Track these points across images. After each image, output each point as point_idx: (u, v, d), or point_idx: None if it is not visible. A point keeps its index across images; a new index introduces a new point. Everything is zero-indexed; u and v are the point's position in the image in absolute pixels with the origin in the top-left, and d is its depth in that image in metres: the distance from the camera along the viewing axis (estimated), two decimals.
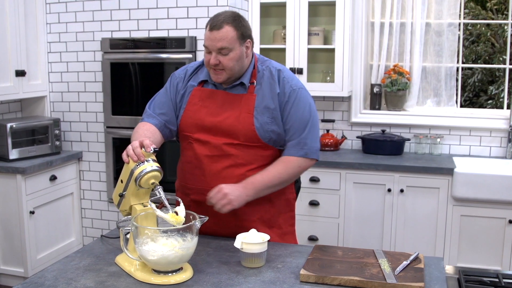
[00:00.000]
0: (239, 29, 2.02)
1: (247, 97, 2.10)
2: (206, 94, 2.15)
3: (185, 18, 3.80)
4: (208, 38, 2.02)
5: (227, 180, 2.07)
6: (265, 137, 2.09)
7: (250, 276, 1.76)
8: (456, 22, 4.08)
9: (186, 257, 1.73)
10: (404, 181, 3.66)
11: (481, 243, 3.56)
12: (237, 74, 2.09)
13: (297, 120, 2.11)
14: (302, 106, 2.11)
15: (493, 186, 3.45)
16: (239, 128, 2.08)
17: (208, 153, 2.10)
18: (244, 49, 2.06)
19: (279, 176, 2.09)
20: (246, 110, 2.09)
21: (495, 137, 3.98)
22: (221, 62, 2.02)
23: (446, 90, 4.16)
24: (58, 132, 4.00)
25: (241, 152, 2.08)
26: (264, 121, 2.08)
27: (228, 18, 2.00)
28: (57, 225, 4.00)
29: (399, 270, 1.73)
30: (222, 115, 2.11)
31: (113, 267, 1.84)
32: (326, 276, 1.70)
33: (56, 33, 4.08)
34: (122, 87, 4.00)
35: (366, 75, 4.27)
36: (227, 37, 1.99)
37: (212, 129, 2.11)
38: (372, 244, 3.75)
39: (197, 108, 2.14)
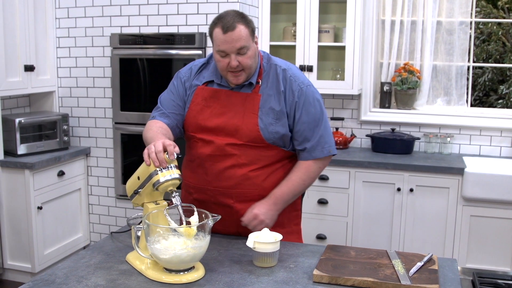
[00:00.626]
0: (249, 26, 1.99)
1: (252, 97, 2.07)
2: (209, 93, 2.11)
3: (195, 14, 3.78)
4: (224, 42, 1.95)
5: (228, 181, 2.06)
6: (269, 138, 2.06)
7: (262, 276, 1.74)
8: (467, 20, 4.04)
9: (198, 256, 1.71)
10: (413, 180, 3.63)
11: (491, 243, 3.53)
12: (253, 73, 2.06)
13: (310, 118, 2.08)
14: (313, 103, 2.08)
15: (504, 186, 3.42)
16: (243, 128, 2.05)
17: (210, 153, 2.08)
18: (255, 45, 2.03)
19: (303, 183, 2.11)
20: (250, 110, 2.05)
21: (505, 137, 3.95)
22: (240, 62, 1.98)
23: (457, 89, 4.12)
24: (66, 127, 4.00)
25: (244, 153, 2.06)
26: (268, 121, 2.05)
27: (237, 17, 1.96)
28: (64, 221, 4.00)
29: (413, 272, 1.71)
30: (225, 115, 2.07)
31: (124, 265, 1.82)
32: (339, 277, 1.68)
33: (65, 28, 4.07)
34: (131, 83, 3.99)
35: (376, 73, 4.25)
36: (243, 36, 1.95)
37: (215, 130, 2.08)
38: (381, 243, 3.72)
39: (200, 108, 2.11)
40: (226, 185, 2.08)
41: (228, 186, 2.08)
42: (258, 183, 2.09)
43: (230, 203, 2.09)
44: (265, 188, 2.10)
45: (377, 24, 4.16)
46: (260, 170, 2.08)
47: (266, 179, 2.10)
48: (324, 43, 4.05)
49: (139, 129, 4.00)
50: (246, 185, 2.08)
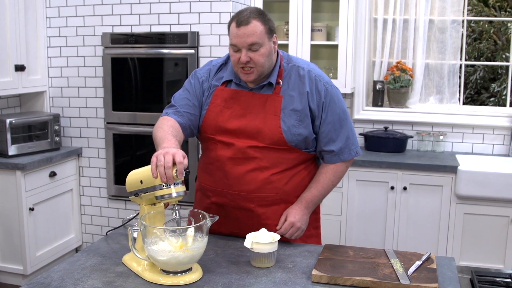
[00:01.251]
0: (266, 24, 1.95)
1: (273, 98, 2.03)
2: (229, 94, 2.07)
3: (188, 13, 3.75)
4: (236, 36, 1.93)
5: (250, 185, 2.02)
6: (292, 140, 2.01)
7: (260, 277, 1.73)
8: (459, 19, 4.05)
9: (196, 257, 1.69)
10: (407, 178, 3.63)
11: (484, 241, 3.54)
12: (266, 72, 2.02)
13: (336, 118, 2.05)
14: (338, 103, 2.06)
15: (497, 184, 3.44)
16: (265, 130, 2.01)
17: (231, 156, 2.03)
18: (272, 45, 1.99)
19: (332, 185, 2.12)
20: (272, 112, 2.01)
21: (498, 134, 3.97)
22: (252, 59, 1.94)
23: (449, 87, 4.13)
24: (57, 127, 3.96)
25: (265, 156, 2.02)
26: (291, 123, 2.01)
27: (253, 13, 1.94)
28: (56, 222, 3.96)
29: (412, 271, 1.71)
30: (246, 117, 2.03)
31: (120, 267, 1.80)
32: (338, 277, 1.67)
33: (56, 27, 4.03)
34: (123, 83, 3.96)
35: (368, 72, 4.25)
36: (256, 31, 1.92)
37: (236, 132, 2.03)
38: (374, 242, 3.72)
39: (219, 109, 2.06)
40: (247, 189, 2.03)
41: (249, 190, 2.03)
42: (280, 186, 2.05)
43: (251, 207, 2.05)
44: (286, 192, 2.07)
45: (369, 22, 4.16)
46: (281, 174, 2.04)
47: (287, 183, 2.07)
48: (317, 41, 4.05)
49: (131, 129, 3.98)
50: (268, 189, 2.04)
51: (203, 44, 3.76)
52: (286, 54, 2.13)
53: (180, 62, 3.81)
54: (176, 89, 3.81)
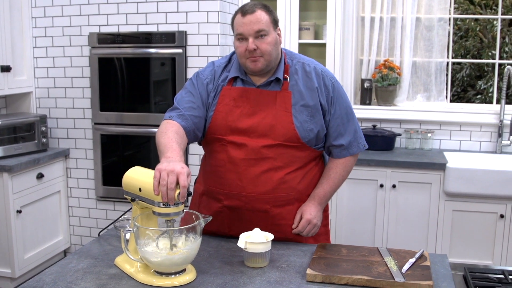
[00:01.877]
0: (271, 14, 1.97)
1: (282, 95, 2.01)
2: (237, 93, 2.04)
3: (175, 12, 3.73)
4: (242, 24, 1.92)
5: (265, 186, 2.00)
6: (305, 136, 2.01)
7: (255, 277, 1.72)
8: (446, 17, 4.07)
9: (190, 258, 1.68)
10: (396, 176, 3.65)
11: (473, 237, 3.57)
12: (273, 63, 2.00)
13: (343, 112, 2.08)
14: (343, 98, 2.09)
15: (485, 181, 3.46)
16: (278, 127, 1.99)
17: (244, 157, 2.00)
18: (277, 36, 2.00)
19: (342, 179, 2.16)
20: (283, 108, 2.00)
21: (485, 131, 4.00)
22: (258, 47, 1.93)
23: (436, 85, 4.16)
24: (44, 129, 3.91)
25: (279, 154, 2.00)
26: (303, 119, 2.00)
27: (258, 4, 1.96)
28: (44, 224, 3.92)
29: (406, 268, 1.71)
30: (257, 115, 2.01)
31: (113, 269, 1.79)
32: (333, 276, 1.67)
33: (42, 27, 3.99)
34: (110, 83, 3.93)
35: (356, 70, 4.26)
36: (262, 19, 1.92)
37: (247, 131, 2.00)
38: (364, 239, 3.74)
39: (229, 109, 2.03)
40: (263, 190, 2.00)
41: (264, 191, 2.00)
42: (294, 186, 2.04)
43: (267, 208, 2.02)
44: (300, 191, 2.07)
45: (357, 21, 4.17)
46: (295, 173, 2.04)
47: (300, 182, 2.06)
48: (305, 40, 4.05)
49: (119, 129, 3.95)
50: (283, 189, 2.02)
51: (191, 44, 3.74)
52: (289, 51, 2.13)
53: (168, 61, 3.79)
54: (164, 89, 3.82)
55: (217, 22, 3.67)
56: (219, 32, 3.68)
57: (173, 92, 3.79)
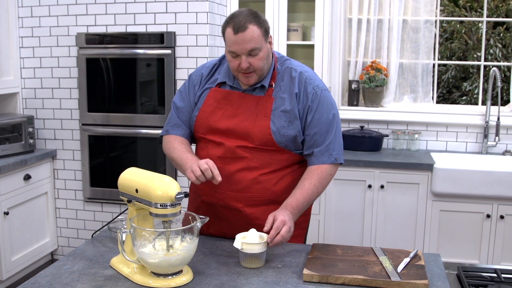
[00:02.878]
0: (262, 26, 1.94)
1: (265, 100, 2.03)
2: (222, 95, 2.08)
3: (164, 13, 3.72)
4: (234, 43, 1.91)
5: (238, 184, 2.02)
6: (281, 141, 2.01)
7: (252, 277, 1.73)
8: (432, 19, 4.12)
9: (187, 259, 1.68)
10: (384, 177, 3.68)
11: (460, 237, 3.61)
12: (265, 74, 2.02)
13: (322, 123, 2.03)
14: (326, 108, 2.03)
15: (472, 181, 3.51)
16: (255, 131, 2.01)
17: (221, 155, 2.03)
18: (268, 46, 1.99)
19: (316, 191, 2.03)
20: (262, 113, 2.01)
21: (471, 132, 4.05)
22: (251, 64, 1.94)
23: (423, 86, 4.20)
24: (31, 129, 3.87)
25: (254, 156, 2.01)
26: (281, 125, 2.00)
27: (249, 17, 1.91)
28: (31, 226, 3.88)
29: (401, 268, 1.73)
30: (237, 117, 2.03)
31: (109, 270, 1.78)
32: (330, 275, 1.68)
33: (29, 27, 3.95)
34: (98, 83, 3.90)
35: (344, 72, 4.28)
36: (254, 36, 1.90)
37: (226, 132, 2.04)
38: (353, 240, 3.76)
39: (212, 110, 2.07)
40: (236, 188, 2.03)
41: (237, 189, 2.03)
42: (269, 187, 2.04)
43: (239, 207, 2.04)
44: (275, 193, 2.06)
45: (344, 22, 4.20)
46: (271, 174, 2.04)
47: (276, 183, 2.05)
48: (293, 41, 4.07)
49: (107, 130, 3.92)
50: (256, 189, 2.03)
51: (180, 44, 3.74)
52: (281, 55, 2.13)
53: (156, 62, 3.78)
54: (153, 90, 3.83)
55: (206, 23, 3.67)
56: (208, 33, 3.68)
57: (162, 93, 3.78)
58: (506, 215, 3.50)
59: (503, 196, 3.47)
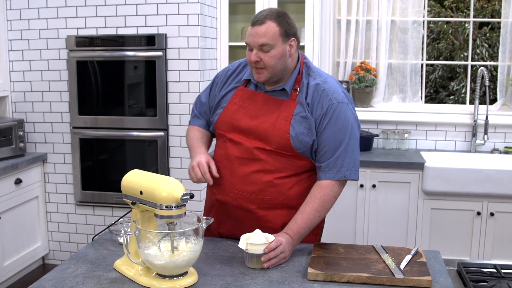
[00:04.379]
0: (283, 26, 1.93)
1: (288, 104, 2.02)
2: (247, 95, 2.09)
3: (155, 15, 3.72)
4: (249, 34, 1.95)
5: (253, 186, 2.02)
6: (299, 147, 1.99)
7: (257, 277, 1.74)
8: (420, 19, 4.17)
9: (193, 260, 1.69)
10: (376, 176, 3.71)
11: (451, 234, 3.66)
12: (280, 74, 2.00)
13: (333, 137, 1.98)
14: (341, 122, 1.98)
15: (462, 179, 3.55)
16: (274, 134, 2.00)
17: (239, 155, 2.04)
18: (287, 48, 1.96)
19: (318, 215, 1.98)
20: (283, 117, 2.00)
21: (460, 131, 4.11)
22: (262, 59, 1.94)
23: (411, 86, 4.25)
24: (22, 133, 3.84)
25: (271, 159, 2.01)
26: (300, 131, 1.99)
27: (271, 14, 1.93)
28: (23, 230, 3.84)
29: (404, 265, 1.75)
30: (259, 118, 2.03)
31: (113, 273, 1.78)
32: (334, 274, 1.70)
33: (18, 30, 3.92)
34: (89, 86, 3.88)
35: (333, 72, 4.32)
36: (268, 32, 1.91)
37: (246, 131, 2.04)
38: (345, 239, 3.79)
39: (236, 108, 2.08)
40: (250, 190, 2.03)
41: (252, 191, 2.03)
42: (283, 191, 2.03)
43: (252, 208, 2.04)
44: (289, 197, 2.05)
45: (333, 23, 4.23)
46: (286, 179, 2.03)
47: (291, 188, 2.04)
48: None
49: (99, 133, 3.91)
50: (271, 192, 2.03)
51: (171, 46, 3.74)
52: (310, 63, 2.10)
53: (148, 64, 3.77)
54: (143, 92, 3.83)
55: (197, 25, 3.68)
56: (199, 35, 3.69)
57: (153, 94, 3.77)
58: (496, 212, 3.55)
59: (493, 193, 3.52)
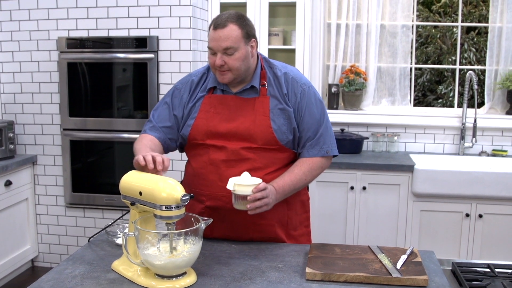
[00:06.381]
0: (244, 28, 1.98)
1: (261, 100, 2.06)
2: (217, 100, 2.10)
3: (147, 17, 3.72)
4: (212, 39, 1.97)
5: None
6: (283, 139, 2.06)
7: (255, 277, 1.75)
8: (409, 24, 4.22)
9: (192, 260, 1.70)
10: (366, 178, 3.75)
11: (440, 236, 3.70)
12: (243, 75, 2.05)
13: (312, 119, 2.09)
14: (315, 104, 2.10)
15: (451, 181, 3.60)
16: (257, 131, 2.03)
17: (225, 158, 2.05)
18: (249, 49, 2.02)
19: (304, 178, 2.08)
20: (261, 113, 2.05)
21: (448, 134, 4.16)
22: (226, 62, 1.97)
23: (401, 89, 4.30)
24: (12, 135, 3.82)
25: (258, 156, 2.04)
26: (280, 123, 2.05)
27: (231, 17, 1.96)
28: (12, 233, 3.82)
29: (400, 265, 1.78)
30: (236, 120, 2.06)
31: (111, 274, 1.78)
32: (332, 274, 1.72)
33: (8, 31, 3.90)
34: (80, 88, 3.87)
35: (323, 75, 4.35)
36: (231, 36, 1.94)
37: (227, 135, 2.05)
38: (335, 240, 3.81)
39: (210, 116, 2.08)
40: None
41: None
42: None
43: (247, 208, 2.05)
44: None
45: (324, 27, 4.26)
46: (275, 173, 2.07)
47: None
48: (274, 46, 4.11)
49: (89, 135, 3.90)
50: None
51: (163, 49, 3.74)
52: (265, 56, 2.18)
53: (139, 67, 3.77)
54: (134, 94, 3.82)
55: (189, 27, 3.69)
56: (191, 37, 3.70)
57: (145, 97, 3.77)
58: (485, 214, 3.61)
59: (481, 195, 3.58)
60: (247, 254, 1.96)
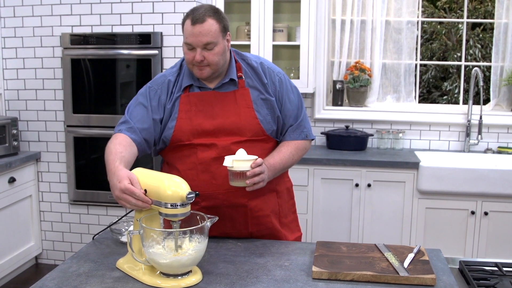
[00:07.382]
0: (221, 22, 1.96)
1: (241, 93, 2.06)
2: (196, 98, 2.05)
3: (151, 13, 3.71)
4: (191, 34, 1.91)
5: None
6: (268, 128, 2.08)
7: (261, 276, 1.74)
8: (414, 20, 4.19)
9: (198, 259, 1.69)
10: (371, 175, 3.73)
11: (445, 234, 3.68)
12: (221, 69, 2.02)
13: (292, 106, 2.14)
14: (292, 90, 2.16)
15: (456, 179, 3.58)
16: (244, 124, 2.04)
17: (215, 156, 2.01)
18: (226, 43, 2.00)
19: (292, 158, 2.13)
20: (245, 105, 2.05)
21: (453, 131, 4.13)
22: (206, 58, 1.94)
23: (406, 86, 4.27)
24: (15, 132, 3.81)
25: (248, 148, 2.01)
26: (265, 113, 2.08)
27: (209, 11, 1.93)
28: (16, 230, 3.81)
29: (407, 263, 1.76)
30: (220, 115, 2.04)
31: (116, 272, 1.77)
32: (339, 272, 1.70)
33: (11, 27, 3.88)
34: (83, 85, 3.86)
35: (328, 72, 4.33)
36: (211, 31, 1.91)
37: (214, 132, 2.03)
38: (340, 238, 3.80)
39: (192, 114, 2.04)
40: None
41: None
42: None
43: (244, 202, 2.05)
44: (271, 181, 2.08)
45: (329, 23, 4.24)
46: None
47: None
48: (278, 42, 4.09)
49: (93, 131, 3.89)
50: None
51: (167, 45, 3.72)
52: (234, 49, 2.16)
53: (143, 63, 3.76)
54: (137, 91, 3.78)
55: None
56: None
57: None
58: (490, 211, 3.59)
59: (487, 193, 3.56)
60: (252, 252, 1.95)
